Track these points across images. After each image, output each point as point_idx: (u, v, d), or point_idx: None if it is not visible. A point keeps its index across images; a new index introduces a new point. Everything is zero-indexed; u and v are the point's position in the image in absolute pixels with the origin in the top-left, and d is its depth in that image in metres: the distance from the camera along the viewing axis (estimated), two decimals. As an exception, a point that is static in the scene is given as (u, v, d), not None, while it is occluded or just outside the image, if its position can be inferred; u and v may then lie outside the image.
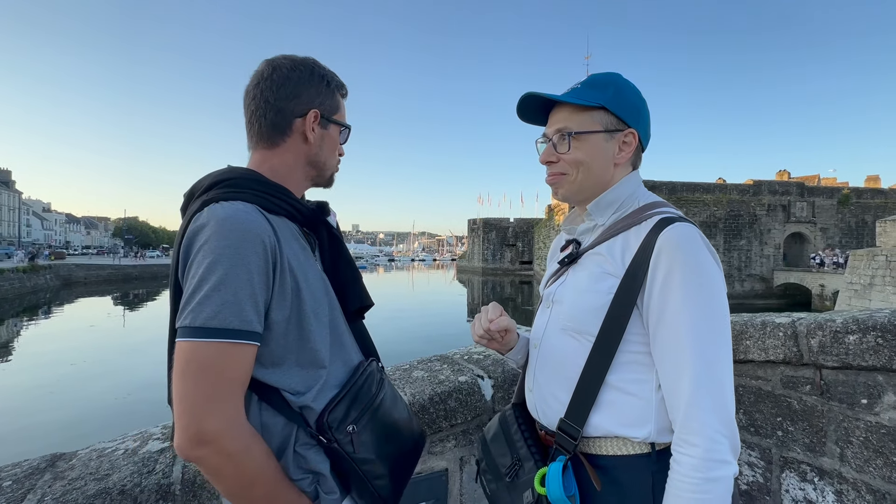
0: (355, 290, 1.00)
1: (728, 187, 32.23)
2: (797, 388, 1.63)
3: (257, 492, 0.76)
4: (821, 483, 1.58)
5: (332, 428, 0.83)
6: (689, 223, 0.81)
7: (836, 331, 1.49)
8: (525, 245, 53.12)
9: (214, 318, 0.72)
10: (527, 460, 0.90)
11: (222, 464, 0.72)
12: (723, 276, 0.80)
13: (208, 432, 0.70)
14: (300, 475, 0.84)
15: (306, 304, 0.84)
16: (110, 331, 20.24)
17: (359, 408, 0.87)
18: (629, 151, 0.92)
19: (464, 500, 1.61)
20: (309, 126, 0.92)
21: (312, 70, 0.94)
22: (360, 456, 0.85)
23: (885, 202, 33.26)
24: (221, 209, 0.77)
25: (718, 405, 0.73)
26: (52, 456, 1.26)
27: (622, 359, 0.82)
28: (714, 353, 0.74)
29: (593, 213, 0.94)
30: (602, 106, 0.89)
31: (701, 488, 0.70)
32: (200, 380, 0.71)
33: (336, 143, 1.00)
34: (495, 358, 1.80)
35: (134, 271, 44.69)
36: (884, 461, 1.41)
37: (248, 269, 0.75)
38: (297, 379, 0.84)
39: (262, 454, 0.77)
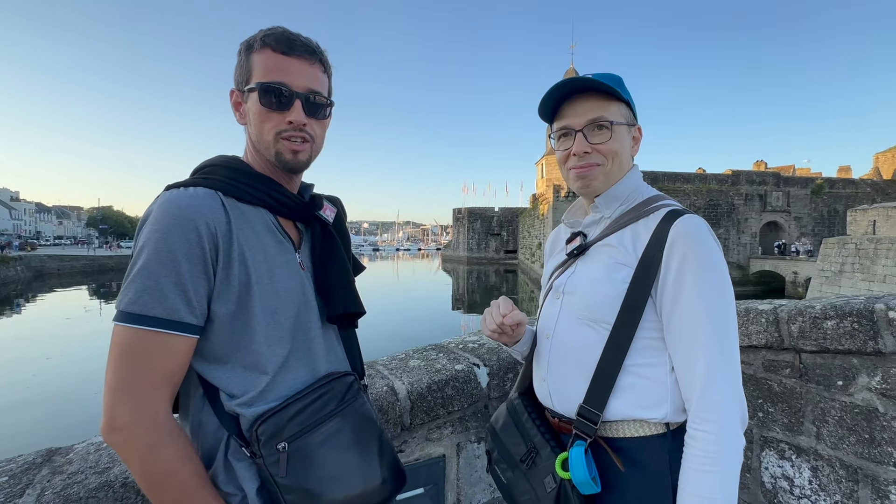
0: (340, 295, 0.90)
1: (708, 177, 32.94)
2: (778, 372, 1.71)
3: (164, 496, 0.70)
4: (798, 460, 1.67)
5: (259, 441, 0.73)
6: (696, 215, 0.86)
7: (816, 317, 1.56)
8: (510, 234, 53.43)
9: (134, 303, 0.69)
10: (542, 447, 0.93)
11: (130, 456, 0.69)
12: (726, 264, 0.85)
13: (116, 419, 0.67)
14: (230, 489, 0.76)
15: (256, 301, 0.77)
16: (87, 323, 19.71)
17: (300, 424, 0.76)
18: (637, 146, 0.98)
19: (460, 485, 1.65)
20: (234, 109, 0.87)
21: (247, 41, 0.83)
22: (285, 482, 0.73)
23: (855, 192, 34.47)
24: (166, 194, 0.75)
25: (732, 383, 0.79)
26: (48, 451, 1.24)
27: (638, 345, 0.85)
28: (726, 336, 0.80)
29: (601, 206, 0.96)
30: (626, 100, 0.92)
31: (717, 460, 0.75)
32: (118, 365, 0.69)
33: (256, 112, 0.82)
34: (490, 346, 1.83)
35: (110, 262, 43.42)
36: (856, 438, 1.50)
37: (173, 255, 0.70)
38: (236, 381, 0.77)
39: (175, 457, 0.70)
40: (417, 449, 1.54)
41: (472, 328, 21.67)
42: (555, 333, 0.98)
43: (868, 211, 21.25)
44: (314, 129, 0.86)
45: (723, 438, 0.76)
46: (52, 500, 1.03)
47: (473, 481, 1.68)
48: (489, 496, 1.73)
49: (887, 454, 1.43)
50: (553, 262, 1.09)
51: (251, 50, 0.82)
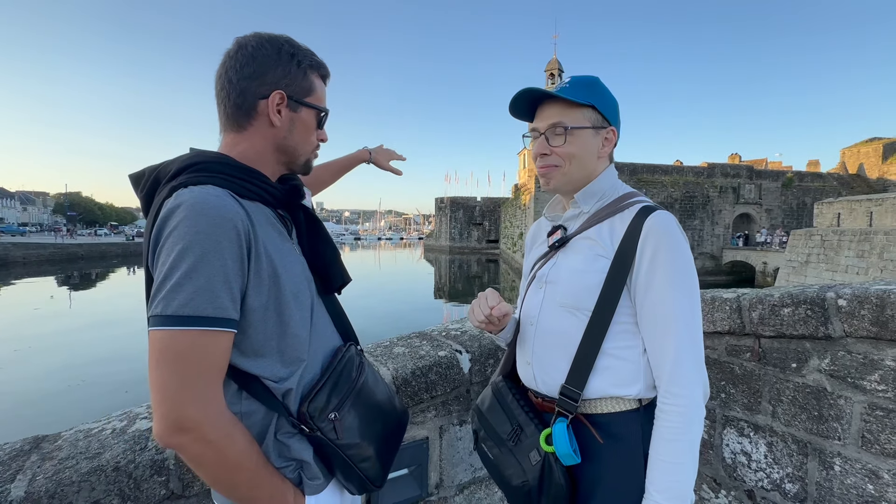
0: (336, 269, 1.00)
1: (685, 169, 33.68)
2: (739, 356, 1.84)
3: (240, 478, 0.76)
4: (755, 437, 1.80)
5: (313, 417, 0.83)
6: (666, 212, 0.94)
7: (774, 304, 1.68)
8: (492, 224, 53.68)
9: (187, 305, 0.70)
10: (527, 425, 1.01)
11: (203, 451, 0.72)
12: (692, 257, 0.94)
13: (188, 420, 0.70)
14: (283, 463, 0.84)
15: (285, 289, 0.83)
16: (56, 314, 19.07)
17: (340, 394, 0.88)
18: (610, 147, 1.03)
19: (443, 466, 1.72)
20: (272, 108, 0.87)
21: (280, 48, 0.87)
22: (344, 442, 0.85)
23: (822, 185, 35.82)
24: (191, 194, 0.74)
25: (697, 362, 0.89)
26: (35, 438, 1.25)
27: (614, 329, 0.94)
28: (692, 321, 0.89)
29: (580, 202, 1.03)
30: (591, 105, 0.98)
31: (684, 431, 0.86)
32: (177, 368, 0.70)
33: (310, 127, 0.93)
34: (472, 334, 1.89)
35: (80, 250, 41.84)
36: (807, 416, 1.63)
37: (222, 255, 0.73)
38: (277, 366, 0.83)
39: (244, 441, 0.77)
40: (402, 432, 1.60)
41: (453, 317, 21.85)
42: (539, 320, 1.05)
43: (833, 204, 22.18)
44: None
45: (689, 411, 0.86)
46: (45, 485, 1.05)
47: (455, 462, 1.75)
48: (470, 476, 1.81)
49: (833, 429, 1.56)
50: (535, 254, 1.16)
51: (307, 68, 0.91)
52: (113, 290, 26.19)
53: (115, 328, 16.02)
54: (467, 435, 1.78)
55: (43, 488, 1.04)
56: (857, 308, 1.47)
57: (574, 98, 0.97)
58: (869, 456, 1.48)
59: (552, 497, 0.93)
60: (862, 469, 1.50)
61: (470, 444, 1.79)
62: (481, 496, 1.85)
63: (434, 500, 1.72)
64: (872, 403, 1.47)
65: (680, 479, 0.85)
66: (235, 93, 0.86)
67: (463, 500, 1.79)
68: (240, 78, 0.85)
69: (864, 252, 17.71)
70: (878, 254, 17.13)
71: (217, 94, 0.88)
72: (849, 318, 1.49)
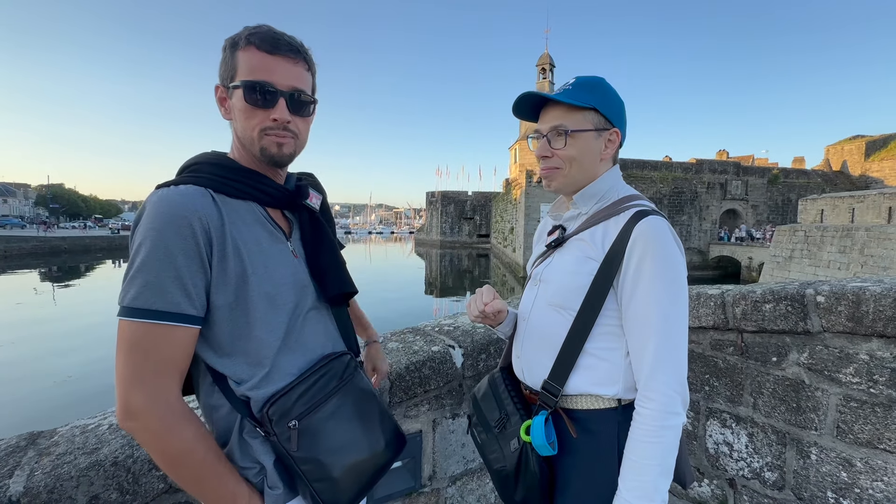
0: (334, 277, 0.97)
1: (673, 165, 34.05)
2: (723, 350, 1.90)
3: (184, 473, 0.77)
4: (737, 428, 1.87)
5: (271, 421, 0.80)
6: (660, 216, 0.94)
7: (756, 300, 1.74)
8: (483, 218, 53.78)
9: (137, 298, 0.73)
10: (513, 415, 1.05)
11: (148, 439, 0.74)
12: (684, 261, 0.93)
13: (132, 407, 0.72)
14: (247, 463, 0.83)
15: (253, 290, 0.81)
16: (40, 308, 18.73)
17: (307, 403, 0.84)
18: (613, 149, 1.03)
19: (436, 458, 1.76)
20: (219, 105, 0.88)
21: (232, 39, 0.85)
22: (299, 454, 0.81)
23: (807, 182, 36.49)
24: (158, 193, 0.78)
25: (675, 368, 0.89)
26: (30, 434, 1.26)
27: (598, 330, 0.96)
28: (673, 327, 0.89)
29: (579, 203, 1.05)
30: (593, 107, 0.99)
31: (657, 433, 0.87)
32: (128, 357, 0.73)
33: (241, 109, 0.84)
34: (464, 329, 1.93)
35: (63, 244, 40.99)
36: (786, 407, 1.70)
37: (169, 250, 0.74)
38: (241, 367, 0.82)
39: (190, 436, 0.76)
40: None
41: (443, 312, 21.91)
42: (529, 316, 1.09)
43: (817, 200, 22.63)
44: (298, 126, 0.89)
45: (663, 416, 0.87)
46: (44, 480, 1.06)
47: (448, 454, 1.79)
48: (462, 467, 1.85)
49: (810, 420, 1.63)
50: (535, 252, 1.19)
51: (236, 48, 0.84)
52: (97, 285, 25.76)
53: (101, 323, 15.81)
54: (460, 428, 1.82)
55: (42, 483, 1.05)
56: (834, 304, 1.53)
57: (575, 101, 0.98)
58: (843, 445, 1.55)
59: (527, 484, 0.98)
60: (836, 457, 1.57)
61: (462, 437, 1.83)
62: (473, 487, 1.90)
63: (427, 492, 1.75)
64: (847, 395, 1.54)
65: (650, 481, 0.86)
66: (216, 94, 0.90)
67: (455, 491, 1.84)
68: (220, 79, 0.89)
69: (846, 248, 18.14)
70: (859, 249, 17.56)
71: None
72: (827, 313, 1.55)
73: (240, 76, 0.83)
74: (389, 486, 1.65)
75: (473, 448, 1.87)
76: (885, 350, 1.45)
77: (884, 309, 1.43)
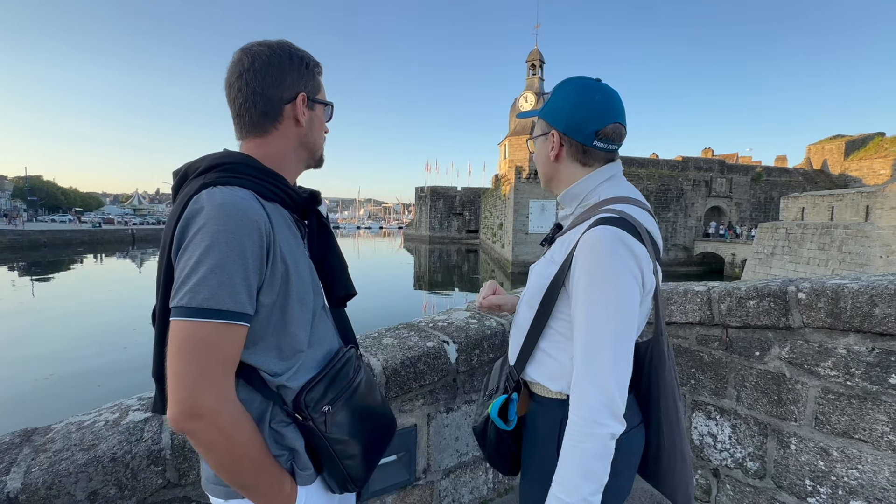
0: (341, 279, 1.06)
1: (660, 162, 34.47)
2: (708, 345, 1.96)
3: (245, 464, 0.81)
4: (721, 420, 1.94)
5: (308, 407, 0.87)
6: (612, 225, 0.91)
7: (741, 297, 1.80)
8: (472, 214, 53.84)
9: (210, 299, 0.75)
10: (500, 390, 1.16)
11: (214, 437, 0.76)
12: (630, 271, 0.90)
13: (203, 406, 0.74)
14: (278, 451, 0.88)
15: (293, 290, 0.87)
16: (19, 304, 18.26)
17: (336, 390, 0.93)
18: (556, 149, 1.06)
19: (430, 451, 1.79)
20: (300, 110, 0.95)
21: (291, 54, 0.94)
22: (333, 435, 0.90)
23: (789, 180, 37.29)
24: (220, 194, 0.79)
25: (599, 379, 0.88)
26: (24, 431, 1.25)
27: (549, 331, 1.02)
28: (600, 338, 0.89)
29: (563, 205, 1.11)
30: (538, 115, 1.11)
31: (578, 438, 0.89)
32: (197, 357, 0.74)
33: (322, 122, 1.02)
34: (458, 325, 1.96)
35: (42, 237, 39.93)
36: (767, 399, 1.77)
37: (244, 253, 0.77)
38: (274, 360, 0.87)
39: (251, 429, 0.82)
40: (391, 420, 1.66)
41: (433, 306, 21.95)
42: (517, 309, 1.18)
43: (798, 199, 23.16)
44: None
45: (584, 423, 0.88)
46: (41, 476, 1.07)
47: (442, 447, 1.83)
48: (456, 460, 1.89)
49: (790, 412, 1.70)
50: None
51: (314, 69, 0.98)
52: (79, 280, 25.19)
53: (83, 320, 15.48)
54: (454, 422, 1.85)
55: (40, 480, 1.06)
56: (814, 300, 1.60)
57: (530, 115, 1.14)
58: (821, 435, 1.62)
59: (489, 447, 1.16)
60: (815, 447, 1.64)
61: (456, 431, 1.87)
62: (466, 479, 1.93)
63: (422, 485, 1.79)
64: (825, 388, 1.60)
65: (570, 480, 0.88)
66: (262, 101, 0.91)
67: (449, 484, 1.87)
68: (264, 87, 0.90)
69: (825, 245, 18.63)
70: (837, 247, 18.05)
71: (238, 105, 0.91)
72: (807, 309, 1.61)
73: (323, 96, 1.02)
74: (384, 480, 1.67)
75: (467, 441, 1.91)
76: (862, 345, 1.52)
77: (861, 305, 1.49)
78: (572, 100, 1.03)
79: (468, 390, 1.88)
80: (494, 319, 2.03)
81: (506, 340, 1.91)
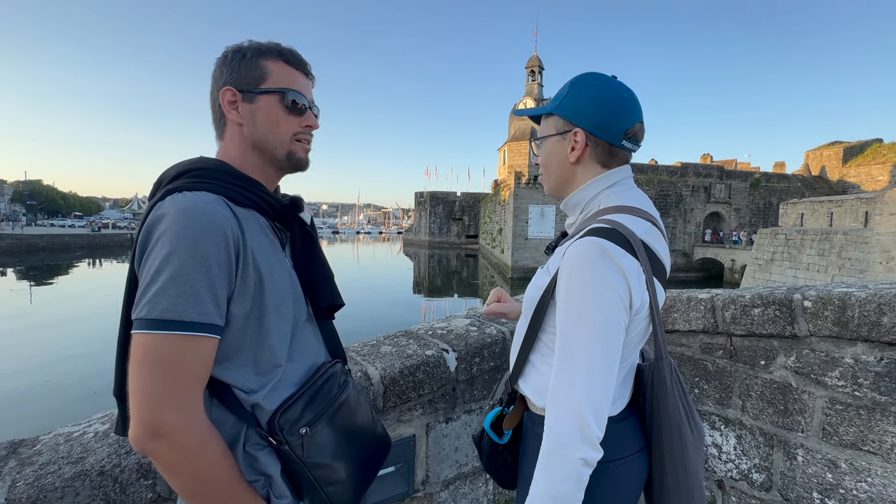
0: (326, 289, 0.98)
1: (659, 168, 34.56)
2: (712, 353, 1.93)
3: (211, 490, 0.74)
4: (726, 430, 1.90)
5: (283, 430, 0.80)
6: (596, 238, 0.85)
7: (745, 305, 1.77)
8: (471, 219, 53.88)
9: (171, 309, 0.70)
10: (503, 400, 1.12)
11: (177, 458, 0.71)
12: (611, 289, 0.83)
13: (164, 425, 0.69)
14: (253, 476, 0.82)
15: (268, 300, 0.82)
16: (17, 309, 18.16)
17: (315, 409, 0.85)
18: (580, 150, 0.97)
19: (429, 462, 1.75)
20: (226, 106, 0.86)
21: (232, 51, 0.87)
22: (311, 460, 0.82)
23: (788, 186, 37.37)
24: (183, 199, 0.75)
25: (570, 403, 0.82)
26: (10, 443, 1.22)
27: (539, 344, 0.98)
28: (572, 359, 0.84)
29: (567, 213, 1.07)
30: (553, 112, 1.01)
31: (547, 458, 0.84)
32: (158, 372, 0.70)
33: (274, 114, 0.87)
34: (458, 332, 1.92)
35: (41, 242, 39.89)
36: (773, 409, 1.73)
37: (207, 260, 0.72)
38: (250, 376, 0.81)
39: (219, 452, 0.75)
40: (389, 430, 1.62)
41: (432, 311, 21.88)
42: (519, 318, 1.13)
43: (797, 204, 23.19)
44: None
45: (553, 448, 0.83)
46: (27, 491, 1.03)
47: (441, 458, 1.79)
48: (455, 472, 1.85)
49: (797, 422, 1.66)
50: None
51: (261, 56, 0.87)
52: (77, 285, 25.10)
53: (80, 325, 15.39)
54: (453, 432, 1.81)
55: (24, 495, 1.02)
56: (821, 309, 1.57)
57: (540, 112, 1.05)
58: (828, 447, 1.58)
59: (485, 457, 1.15)
60: (822, 459, 1.60)
61: (455, 441, 1.83)
62: (465, 491, 1.89)
63: (420, 496, 1.74)
64: (833, 398, 1.57)
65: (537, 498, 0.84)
66: (212, 106, 0.90)
67: (448, 496, 1.83)
68: (211, 91, 0.90)
69: (825, 251, 18.62)
70: (836, 253, 18.04)
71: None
72: (813, 318, 1.59)
73: (272, 84, 0.87)
74: (382, 492, 1.63)
75: (466, 452, 1.87)
76: (870, 354, 1.49)
77: (868, 314, 1.46)
78: (599, 96, 0.95)
79: (468, 399, 1.85)
80: (495, 327, 1.99)
81: (507, 349, 1.88)
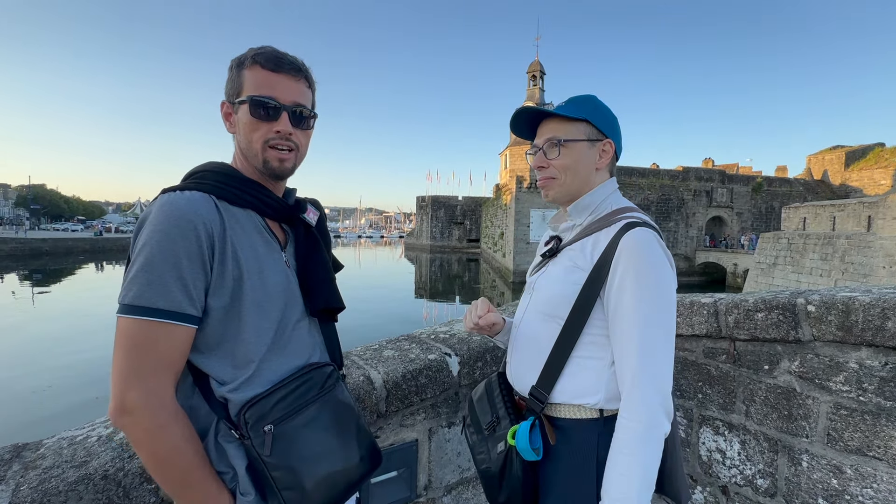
0: (321, 291, 0.99)
1: (661, 172, 34.56)
2: (715, 358, 1.92)
3: (171, 473, 0.77)
4: (730, 435, 1.89)
5: (247, 424, 0.81)
6: (648, 228, 0.94)
7: (748, 309, 1.76)
8: (472, 223, 53.91)
9: (140, 296, 0.75)
10: (504, 419, 1.07)
11: (140, 437, 0.75)
12: (672, 273, 0.94)
13: (127, 404, 0.74)
14: (222, 468, 0.84)
15: (247, 295, 0.84)
16: (19, 313, 18.21)
17: (284, 409, 0.84)
18: (607, 159, 1.07)
19: (432, 467, 1.75)
20: (224, 119, 0.94)
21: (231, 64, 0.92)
22: (271, 460, 0.81)
23: (790, 190, 37.32)
24: (167, 198, 0.81)
25: (656, 381, 0.89)
26: (14, 446, 1.22)
27: (584, 339, 0.97)
28: (655, 339, 0.90)
29: (573, 214, 1.08)
30: (585, 119, 1.03)
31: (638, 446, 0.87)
32: (127, 354, 0.75)
33: (247, 123, 0.89)
34: (460, 336, 1.92)
35: (44, 246, 40.09)
36: (777, 415, 1.72)
37: (176, 252, 0.77)
38: (227, 369, 0.84)
39: (180, 437, 0.77)
40: (392, 434, 1.62)
41: (434, 315, 21.86)
42: (521, 324, 1.12)
43: (800, 208, 23.13)
44: (299, 139, 0.95)
45: (644, 429, 0.87)
46: (30, 496, 1.03)
47: (444, 463, 1.78)
48: (458, 477, 1.84)
49: (801, 428, 1.65)
50: (534, 262, 1.21)
51: (242, 67, 0.90)
52: (79, 289, 25.17)
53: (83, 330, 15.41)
54: (456, 437, 1.81)
55: (28, 498, 1.02)
56: (824, 313, 1.56)
57: (567, 113, 1.03)
58: (833, 452, 1.57)
59: (510, 486, 1.01)
60: (827, 465, 1.59)
61: (458, 446, 1.82)
62: (468, 496, 1.88)
63: (422, 502, 1.74)
64: (837, 403, 1.56)
65: (631, 493, 0.85)
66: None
67: (451, 501, 1.82)
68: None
69: (828, 255, 18.56)
70: (839, 257, 17.97)
71: None
72: (817, 322, 1.58)
73: (245, 92, 0.89)
74: (384, 497, 1.63)
75: (469, 457, 1.86)
76: (874, 359, 1.48)
77: (873, 318, 1.46)
78: (613, 116, 1.08)
79: (470, 404, 1.85)
80: (497, 331, 1.99)
81: (509, 353, 1.87)
